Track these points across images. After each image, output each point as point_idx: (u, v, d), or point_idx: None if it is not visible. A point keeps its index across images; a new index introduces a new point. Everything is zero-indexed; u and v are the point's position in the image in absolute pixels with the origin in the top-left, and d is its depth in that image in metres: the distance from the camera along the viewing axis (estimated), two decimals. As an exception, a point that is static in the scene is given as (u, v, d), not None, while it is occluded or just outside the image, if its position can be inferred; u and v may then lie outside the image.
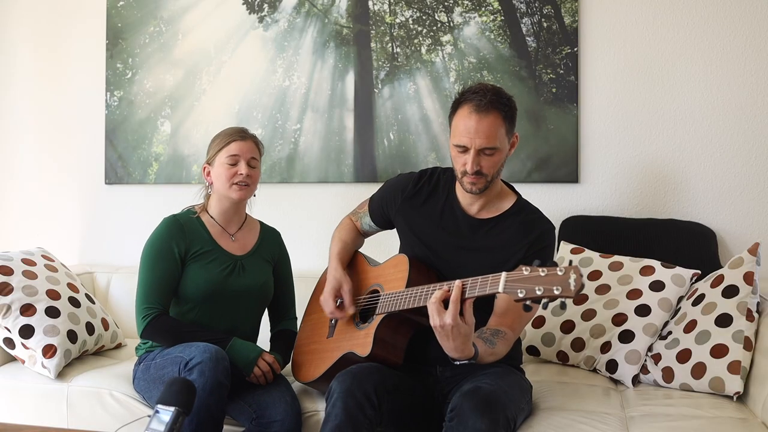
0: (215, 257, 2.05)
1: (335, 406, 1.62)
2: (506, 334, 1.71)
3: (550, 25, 2.59)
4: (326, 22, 2.80)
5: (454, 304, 1.51)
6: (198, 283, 2.01)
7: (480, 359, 1.60)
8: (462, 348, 1.53)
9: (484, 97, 1.72)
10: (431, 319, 1.55)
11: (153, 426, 1.41)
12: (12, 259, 2.34)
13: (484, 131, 1.71)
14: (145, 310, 1.97)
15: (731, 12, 2.47)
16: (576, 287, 1.35)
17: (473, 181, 1.76)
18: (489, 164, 1.75)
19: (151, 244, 2.03)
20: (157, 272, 2.00)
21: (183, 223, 2.07)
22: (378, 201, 2.05)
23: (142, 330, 1.97)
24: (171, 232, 2.03)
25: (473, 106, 1.72)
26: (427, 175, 1.97)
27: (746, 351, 1.90)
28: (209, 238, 2.07)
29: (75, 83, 3.10)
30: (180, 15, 2.96)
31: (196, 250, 2.04)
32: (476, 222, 1.86)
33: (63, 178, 3.13)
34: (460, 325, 1.51)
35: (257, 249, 2.14)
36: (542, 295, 1.38)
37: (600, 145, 2.58)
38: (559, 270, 1.38)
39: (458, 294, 1.52)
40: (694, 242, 2.38)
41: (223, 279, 2.03)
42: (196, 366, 1.78)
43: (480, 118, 1.71)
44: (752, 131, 2.46)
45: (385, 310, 1.79)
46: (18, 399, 2.17)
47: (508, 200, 1.88)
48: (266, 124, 2.86)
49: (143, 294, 1.99)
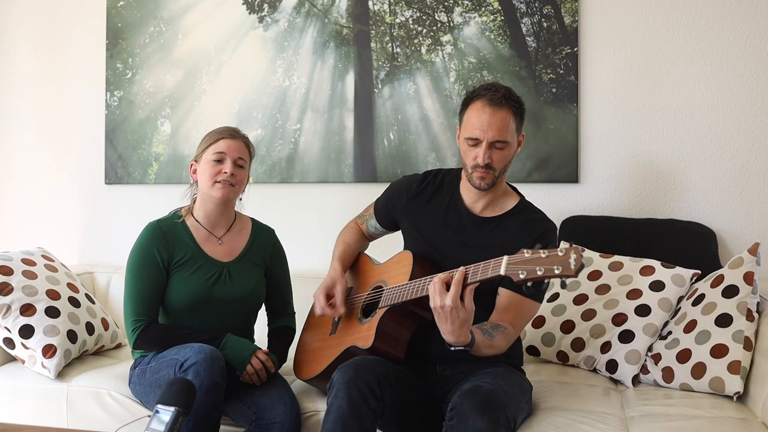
0: (200, 265, 2.00)
1: (338, 396, 1.62)
2: (506, 329, 1.72)
3: (550, 25, 2.59)
4: (326, 22, 2.81)
5: (456, 286, 1.53)
6: (182, 293, 1.97)
7: (476, 348, 1.61)
8: (458, 333, 1.55)
9: (497, 92, 1.78)
10: (431, 300, 1.56)
11: (153, 426, 1.41)
12: (12, 259, 2.34)
13: (497, 124, 1.77)
14: (133, 323, 1.94)
15: (731, 12, 2.47)
16: (576, 266, 1.36)
17: (482, 176, 1.79)
18: (499, 158, 1.79)
19: (135, 254, 1.99)
20: (142, 283, 1.96)
21: (166, 230, 2.01)
22: (383, 202, 2.07)
23: (133, 343, 1.96)
24: (153, 240, 1.98)
25: (487, 100, 1.78)
26: (431, 176, 2.00)
27: (746, 351, 1.90)
28: (193, 245, 2.01)
29: (75, 83, 3.10)
30: (180, 15, 2.96)
31: (179, 258, 1.99)
32: (480, 220, 1.87)
33: (63, 178, 3.13)
34: (459, 309, 1.53)
35: (246, 253, 2.08)
36: (543, 275, 1.39)
37: (600, 145, 2.58)
38: (560, 251, 1.39)
39: (461, 277, 1.54)
40: (694, 242, 2.38)
41: (208, 289, 1.98)
42: (191, 367, 1.76)
43: (493, 112, 1.77)
44: (752, 131, 2.46)
45: (388, 303, 1.79)
46: (18, 399, 2.17)
47: (511, 200, 1.90)
48: (266, 124, 2.86)
49: (130, 307, 1.96)
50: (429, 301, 1.57)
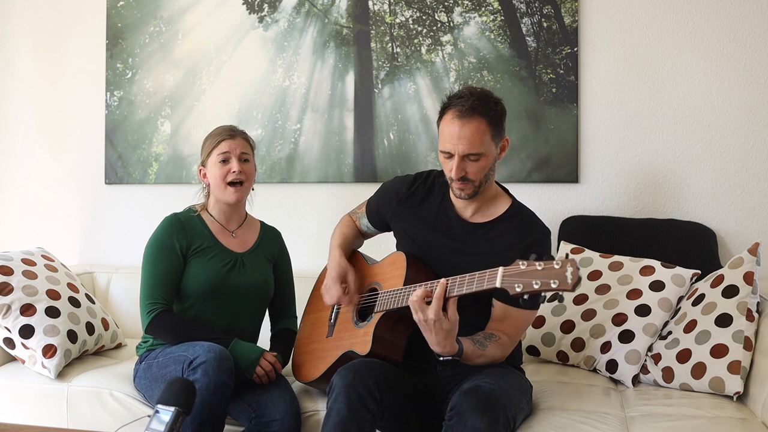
0: (216, 253, 2.07)
1: (337, 401, 1.62)
2: (500, 338, 1.72)
3: (550, 25, 2.59)
4: (326, 22, 2.80)
5: (437, 301, 1.55)
6: (199, 278, 2.03)
7: (465, 357, 1.63)
8: (444, 343, 1.57)
9: (467, 103, 1.71)
10: (414, 314, 1.59)
11: (153, 426, 1.41)
12: (12, 259, 2.34)
13: (467, 137, 1.71)
14: (149, 305, 1.99)
15: (731, 12, 2.47)
16: (573, 280, 1.35)
17: (461, 187, 1.77)
18: (475, 170, 1.74)
19: (154, 241, 2.06)
20: (160, 268, 2.02)
21: (184, 220, 2.09)
22: (374, 204, 2.06)
23: (147, 325, 1.99)
24: (172, 229, 2.06)
25: (456, 111, 1.72)
26: (422, 178, 1.97)
27: (746, 351, 1.90)
28: (210, 235, 2.09)
29: (75, 83, 3.10)
30: (180, 15, 2.96)
31: (197, 246, 2.06)
32: (470, 226, 1.85)
33: (63, 178, 3.13)
34: (443, 320, 1.55)
35: (258, 246, 2.15)
36: (539, 288, 1.38)
37: (600, 145, 2.58)
38: (556, 263, 1.38)
39: (441, 291, 1.56)
40: (694, 242, 2.37)
41: (224, 275, 2.05)
42: (200, 365, 1.78)
43: (462, 124, 1.71)
44: (752, 131, 2.46)
45: (383, 308, 1.79)
46: (18, 399, 2.17)
47: (502, 204, 1.87)
48: (266, 124, 2.86)
49: (147, 290, 2.01)
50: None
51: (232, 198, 2.07)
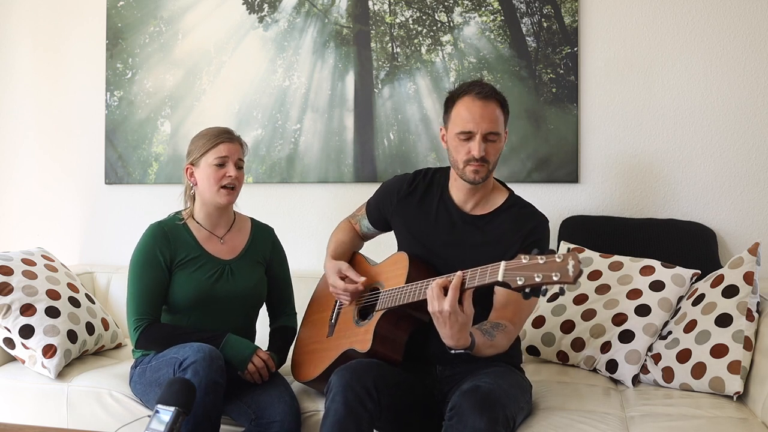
0: (202, 263, 2.02)
1: (335, 400, 1.62)
2: (506, 327, 1.72)
3: (550, 25, 2.59)
4: (326, 22, 2.81)
5: (454, 291, 1.53)
6: (186, 291, 2.00)
7: (477, 350, 1.61)
8: (458, 336, 1.55)
9: (485, 87, 1.80)
10: (430, 304, 1.56)
11: (153, 426, 1.41)
12: (12, 259, 2.34)
13: (489, 116, 1.78)
14: (135, 321, 1.96)
15: (731, 12, 2.47)
16: (574, 273, 1.36)
17: (477, 169, 1.79)
18: (492, 151, 1.80)
19: (138, 254, 2.02)
20: (144, 282, 1.98)
21: (168, 230, 2.04)
22: (375, 203, 2.07)
23: (136, 342, 1.97)
24: (155, 240, 2.01)
25: (475, 94, 1.79)
26: (421, 175, 1.99)
27: (746, 351, 1.90)
28: (196, 244, 2.04)
29: (75, 83, 3.10)
30: (180, 15, 2.96)
31: (182, 257, 2.02)
32: (471, 218, 1.88)
33: (63, 178, 3.13)
34: (458, 313, 1.52)
35: (247, 251, 2.11)
36: (541, 281, 1.39)
37: (600, 145, 2.58)
38: (558, 257, 1.39)
39: (458, 282, 1.54)
40: (694, 242, 2.38)
41: (210, 285, 2.01)
42: (190, 366, 1.77)
43: (484, 104, 1.78)
44: (752, 131, 2.46)
45: (384, 305, 1.79)
46: (18, 399, 2.17)
47: (500, 196, 1.91)
48: (266, 124, 2.86)
49: (133, 306, 1.98)
50: (427, 305, 1.57)
51: (223, 200, 2.02)
